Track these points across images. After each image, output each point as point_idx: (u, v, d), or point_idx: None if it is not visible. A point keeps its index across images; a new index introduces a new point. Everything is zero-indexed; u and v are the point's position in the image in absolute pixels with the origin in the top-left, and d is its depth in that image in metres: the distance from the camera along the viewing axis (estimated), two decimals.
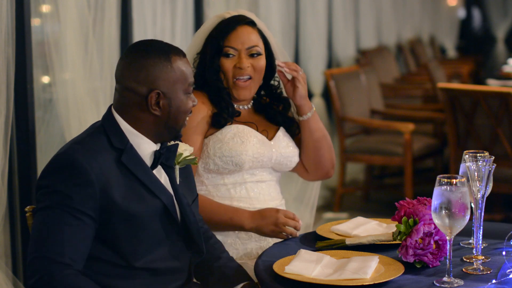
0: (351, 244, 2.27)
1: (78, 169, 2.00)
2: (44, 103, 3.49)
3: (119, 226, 2.05)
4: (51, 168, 2.05)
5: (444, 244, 2.09)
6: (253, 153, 2.57)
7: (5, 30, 2.88)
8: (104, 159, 2.05)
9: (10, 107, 2.90)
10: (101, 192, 2.02)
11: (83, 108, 3.37)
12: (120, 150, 2.08)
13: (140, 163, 2.10)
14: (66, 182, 2.00)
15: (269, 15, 5.85)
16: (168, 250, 2.14)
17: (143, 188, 2.09)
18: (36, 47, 3.29)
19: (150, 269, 2.10)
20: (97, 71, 3.49)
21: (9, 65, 2.92)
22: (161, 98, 2.10)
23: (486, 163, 2.10)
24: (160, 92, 2.09)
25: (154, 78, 2.09)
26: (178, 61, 2.12)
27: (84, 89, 3.40)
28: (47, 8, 3.38)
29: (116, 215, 2.04)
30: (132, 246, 2.07)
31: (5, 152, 2.89)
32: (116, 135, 2.10)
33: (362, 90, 6.03)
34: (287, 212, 2.51)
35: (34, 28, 3.24)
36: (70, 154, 2.03)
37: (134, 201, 2.06)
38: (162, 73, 2.09)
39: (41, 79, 3.49)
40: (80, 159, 2.01)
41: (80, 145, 2.06)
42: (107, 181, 2.03)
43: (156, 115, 2.11)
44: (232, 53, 2.61)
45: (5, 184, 2.90)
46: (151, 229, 2.10)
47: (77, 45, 3.37)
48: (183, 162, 2.23)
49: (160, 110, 2.11)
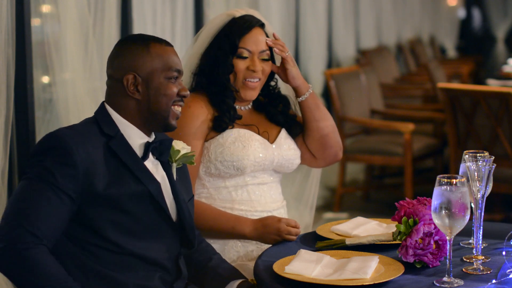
0: (351, 244, 2.27)
1: (64, 149, 2.04)
2: (44, 103, 3.48)
3: (102, 210, 2.07)
4: (39, 146, 2.09)
5: (444, 244, 2.09)
6: (255, 157, 2.57)
7: (5, 30, 2.88)
8: (92, 144, 2.09)
9: (10, 107, 2.90)
10: (83, 176, 2.04)
11: (83, 108, 3.37)
12: (110, 136, 2.13)
13: (128, 150, 2.14)
14: (52, 159, 2.04)
15: (269, 15, 5.85)
16: (157, 240, 2.15)
17: (128, 174, 2.11)
18: (36, 47, 3.29)
19: (138, 255, 2.12)
20: (97, 71, 3.49)
21: (9, 65, 2.92)
22: (138, 83, 2.15)
23: (486, 163, 2.10)
24: (136, 75, 2.14)
25: (130, 62, 2.15)
26: (158, 47, 2.18)
27: (84, 89, 3.39)
28: (47, 8, 3.38)
29: (96, 197, 2.06)
30: (117, 231, 2.09)
31: (5, 152, 2.88)
32: (107, 124, 2.15)
33: (362, 90, 6.03)
34: (289, 220, 2.49)
35: (34, 28, 3.24)
36: (59, 135, 2.08)
37: (115, 185, 2.08)
38: (138, 57, 2.15)
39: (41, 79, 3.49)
40: (67, 140, 2.05)
41: (70, 129, 2.12)
42: (92, 166, 2.06)
43: (137, 99, 2.16)
44: (246, 55, 2.61)
45: (5, 184, 2.90)
46: (134, 215, 2.11)
47: (77, 45, 3.36)
48: (181, 160, 2.24)
49: (139, 94, 2.15)
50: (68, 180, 2.03)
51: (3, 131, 2.87)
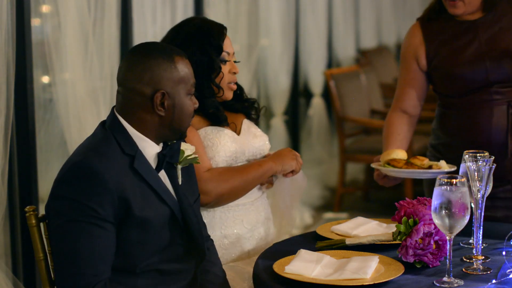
0: (351, 244, 2.27)
1: (97, 178, 1.99)
2: (44, 103, 3.49)
3: (132, 232, 2.05)
4: (69, 177, 2.02)
5: (444, 244, 2.09)
6: (225, 153, 2.57)
7: (5, 30, 2.88)
8: (119, 166, 2.04)
9: (10, 107, 2.90)
10: (119, 200, 2.01)
11: (83, 108, 3.37)
12: (132, 156, 2.08)
13: (149, 168, 2.10)
14: (86, 192, 1.99)
15: (269, 15, 5.85)
16: (172, 253, 2.14)
17: (154, 194, 2.09)
18: (36, 47, 3.29)
19: (154, 270, 2.11)
20: (97, 71, 3.49)
21: (9, 65, 2.92)
22: (165, 99, 2.10)
23: (486, 163, 2.10)
24: (165, 92, 2.09)
25: (159, 78, 2.09)
26: (181, 62, 2.13)
27: (84, 89, 3.40)
28: (47, 8, 3.38)
29: (130, 220, 2.04)
30: (139, 250, 2.07)
31: (5, 152, 2.89)
32: (125, 141, 2.09)
33: (362, 90, 6.03)
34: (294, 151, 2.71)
35: (34, 28, 3.24)
36: (88, 163, 2.01)
37: (147, 208, 2.07)
38: (166, 73, 2.10)
39: (41, 79, 3.49)
40: (98, 168, 1.99)
41: (95, 152, 2.04)
42: (123, 188, 2.02)
43: (161, 115, 2.11)
44: (228, 58, 2.63)
45: (5, 184, 2.90)
46: (159, 234, 2.10)
47: (77, 45, 3.37)
48: (185, 161, 2.23)
49: (165, 111, 2.11)
50: (107, 207, 1.99)
51: (3, 131, 2.87)
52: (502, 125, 2.74)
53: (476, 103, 2.76)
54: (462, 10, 2.77)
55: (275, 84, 5.95)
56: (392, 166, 2.60)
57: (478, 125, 2.76)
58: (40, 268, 2.20)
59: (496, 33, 2.77)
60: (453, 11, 2.78)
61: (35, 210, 2.21)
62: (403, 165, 2.59)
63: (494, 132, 2.74)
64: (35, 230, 2.20)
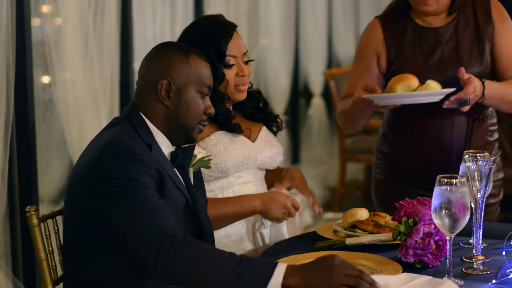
0: (351, 244, 2.27)
1: (135, 153, 1.98)
2: (44, 103, 3.49)
3: None
4: (109, 157, 1.98)
5: (444, 244, 2.09)
6: (238, 158, 2.57)
7: (5, 30, 2.88)
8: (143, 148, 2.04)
9: (10, 107, 2.90)
10: (156, 171, 2.01)
11: (83, 108, 3.37)
12: (149, 145, 2.08)
13: (165, 159, 2.11)
14: (130, 167, 1.96)
15: (269, 15, 5.85)
16: None
17: (170, 182, 2.09)
18: (36, 47, 3.29)
19: None
20: (97, 71, 3.49)
21: (9, 65, 2.92)
22: (171, 90, 2.10)
23: (486, 163, 2.10)
24: (171, 82, 2.10)
25: (168, 67, 2.11)
26: (197, 60, 2.14)
27: (84, 89, 3.40)
28: (47, 8, 3.38)
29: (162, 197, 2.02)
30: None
31: (5, 152, 2.89)
32: (143, 129, 2.10)
33: None
34: (295, 201, 2.57)
35: (34, 28, 3.24)
36: (121, 141, 2.00)
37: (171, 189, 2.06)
38: (177, 65, 2.11)
39: (41, 79, 3.49)
40: (129, 144, 1.99)
41: (120, 133, 2.03)
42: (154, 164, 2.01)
43: (166, 105, 2.11)
44: (233, 62, 2.59)
45: (5, 184, 2.90)
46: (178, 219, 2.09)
47: (77, 45, 3.37)
48: (197, 164, 2.24)
49: (170, 101, 2.11)
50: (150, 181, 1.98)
51: (3, 131, 2.87)
52: (462, 134, 2.72)
53: (437, 113, 2.70)
54: (434, 7, 2.71)
55: (275, 84, 5.95)
56: (360, 229, 2.40)
57: (441, 134, 2.72)
58: (41, 268, 2.20)
59: (459, 43, 2.72)
60: (425, 9, 2.71)
61: (36, 210, 2.21)
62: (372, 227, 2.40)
63: (455, 141, 2.71)
64: (36, 230, 2.20)
